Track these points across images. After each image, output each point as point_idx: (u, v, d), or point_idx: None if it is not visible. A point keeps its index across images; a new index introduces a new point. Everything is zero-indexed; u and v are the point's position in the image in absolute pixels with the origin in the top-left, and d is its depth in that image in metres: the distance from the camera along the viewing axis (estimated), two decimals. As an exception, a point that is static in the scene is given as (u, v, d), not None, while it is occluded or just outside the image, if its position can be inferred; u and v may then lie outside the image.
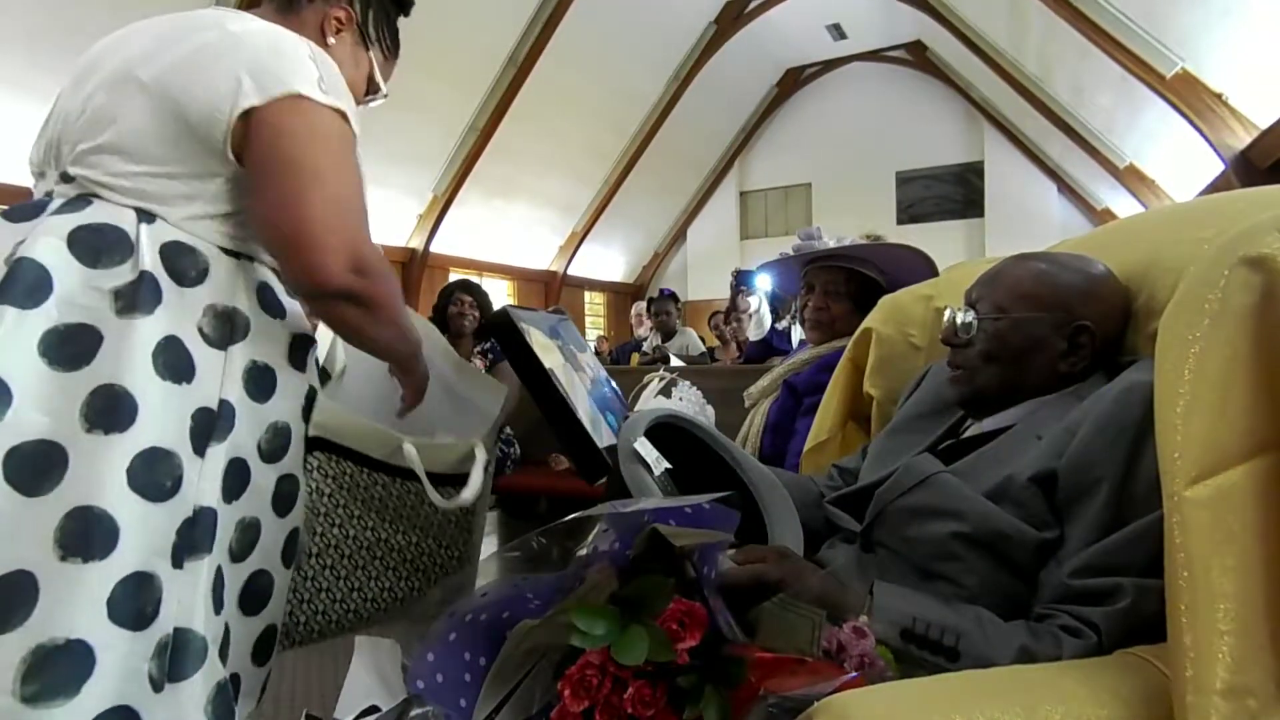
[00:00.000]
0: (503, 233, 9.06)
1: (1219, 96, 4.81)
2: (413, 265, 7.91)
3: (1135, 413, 0.72)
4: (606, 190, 9.95)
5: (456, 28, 6.14)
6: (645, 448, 0.89)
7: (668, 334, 4.65)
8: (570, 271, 10.45)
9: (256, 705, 0.90)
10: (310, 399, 0.93)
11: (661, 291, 4.88)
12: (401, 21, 1.09)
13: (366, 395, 1.11)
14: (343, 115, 0.84)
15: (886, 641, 0.68)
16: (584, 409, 1.10)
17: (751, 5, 8.84)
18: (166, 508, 0.74)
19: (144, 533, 0.72)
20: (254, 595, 0.86)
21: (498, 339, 1.10)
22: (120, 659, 0.69)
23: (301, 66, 0.82)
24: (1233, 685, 0.53)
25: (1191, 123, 4.95)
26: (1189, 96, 4.91)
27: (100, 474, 0.70)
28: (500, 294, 9.53)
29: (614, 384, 1.29)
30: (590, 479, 1.06)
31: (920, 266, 1.54)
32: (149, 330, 0.75)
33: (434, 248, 8.04)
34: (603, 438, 1.10)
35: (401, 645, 0.71)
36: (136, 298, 0.75)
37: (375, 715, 0.65)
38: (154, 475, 0.73)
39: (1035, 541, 0.76)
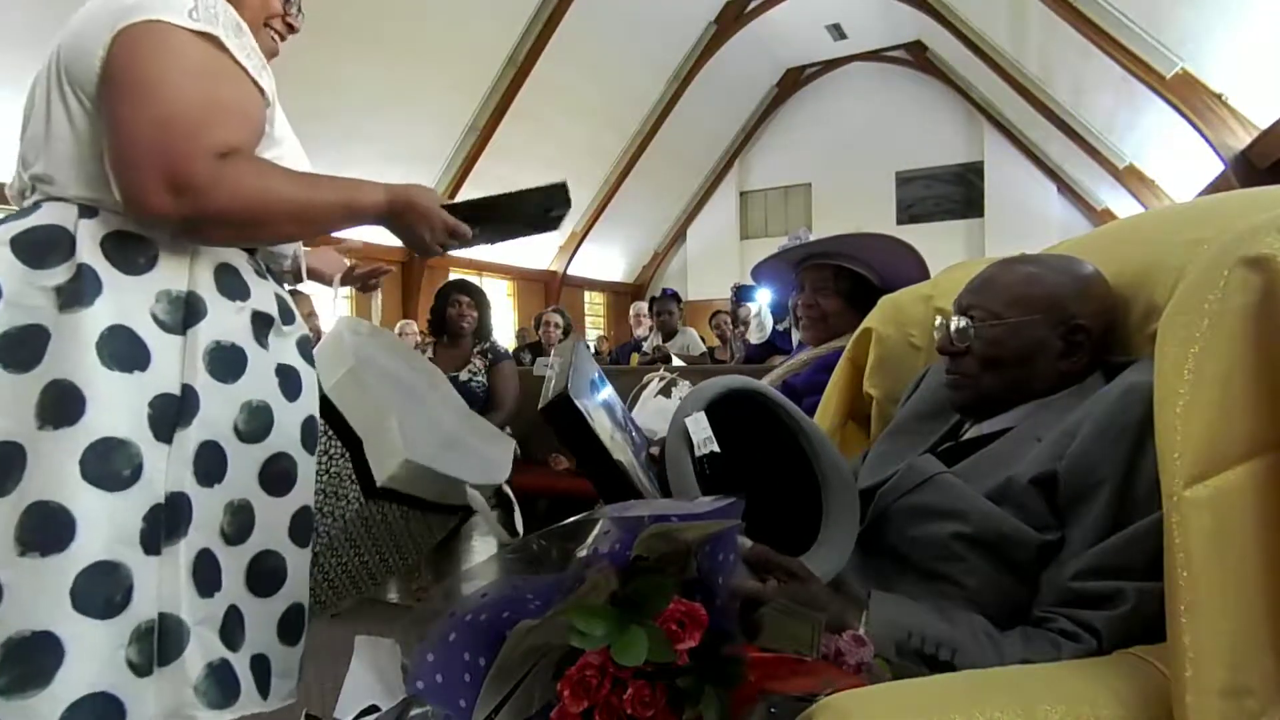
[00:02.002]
0: (503, 232, 9.04)
1: (1219, 97, 4.81)
2: (413, 265, 7.91)
3: (1135, 414, 0.72)
4: (606, 190, 9.94)
5: (456, 28, 6.12)
6: (697, 426, 0.82)
7: (669, 333, 4.65)
8: (570, 271, 10.43)
9: (298, 683, 0.90)
10: (298, 378, 0.92)
11: (664, 291, 4.89)
12: (402, 22, 1.08)
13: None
14: (209, 38, 0.78)
15: (882, 654, 0.68)
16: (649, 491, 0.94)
17: (751, 5, 8.83)
18: (127, 496, 0.74)
19: (105, 522, 0.72)
20: (264, 576, 0.86)
21: (549, 419, 0.88)
22: (92, 647, 0.70)
23: (174, 1, 0.77)
24: (1233, 685, 0.53)
25: (1191, 123, 4.95)
26: (1189, 97, 4.91)
27: (54, 469, 0.71)
28: (500, 294, 9.52)
29: (631, 416, 1.11)
30: None
31: (903, 255, 1.54)
32: (92, 322, 0.75)
33: (434, 248, 8.03)
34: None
35: (401, 645, 0.71)
36: (76, 291, 0.75)
37: (375, 715, 0.65)
38: (109, 465, 0.73)
39: (1036, 543, 0.76)
